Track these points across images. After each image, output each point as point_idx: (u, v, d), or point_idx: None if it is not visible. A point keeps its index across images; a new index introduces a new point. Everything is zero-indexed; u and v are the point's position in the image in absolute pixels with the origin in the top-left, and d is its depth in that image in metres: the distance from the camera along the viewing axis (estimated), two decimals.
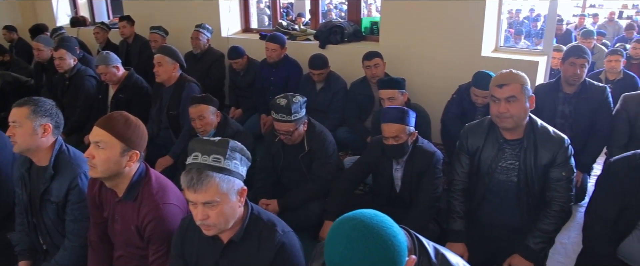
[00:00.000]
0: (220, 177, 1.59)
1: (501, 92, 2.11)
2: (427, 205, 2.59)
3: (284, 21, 5.58)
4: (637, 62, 5.47)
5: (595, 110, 3.29)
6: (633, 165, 1.97)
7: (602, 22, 9.83)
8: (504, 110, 2.11)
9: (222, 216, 1.62)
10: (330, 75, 4.19)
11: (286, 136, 2.88)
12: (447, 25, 4.10)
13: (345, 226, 1.13)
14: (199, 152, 1.62)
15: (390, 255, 1.09)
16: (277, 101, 2.81)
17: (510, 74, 2.16)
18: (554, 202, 2.20)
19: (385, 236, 1.10)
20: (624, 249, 2.03)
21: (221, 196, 1.59)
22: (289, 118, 2.79)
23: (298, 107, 2.81)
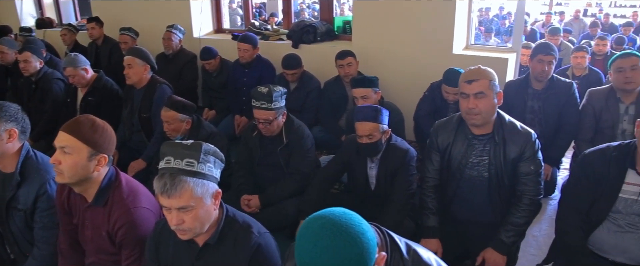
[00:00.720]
0: (195, 181, 1.57)
1: (470, 87, 2.13)
2: (402, 202, 2.62)
3: (257, 21, 5.56)
4: (601, 58, 5.63)
5: (563, 105, 3.38)
6: (606, 157, 2.02)
7: (568, 20, 10.08)
8: (472, 105, 2.13)
9: (198, 220, 1.60)
10: (304, 74, 4.18)
11: (265, 125, 2.87)
12: (419, 23, 4.14)
13: (314, 225, 1.13)
14: (171, 156, 1.59)
15: (359, 252, 1.10)
16: (259, 89, 2.83)
17: (478, 70, 2.18)
18: (524, 196, 2.24)
19: (353, 234, 1.10)
20: (594, 239, 2.08)
21: (196, 200, 1.57)
22: (270, 106, 2.80)
23: (279, 96, 2.83)
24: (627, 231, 2.01)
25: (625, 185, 1.98)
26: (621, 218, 2.01)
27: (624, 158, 1.97)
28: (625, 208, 1.99)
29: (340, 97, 4.01)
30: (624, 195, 1.98)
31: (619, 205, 2.00)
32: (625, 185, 1.97)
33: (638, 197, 1.96)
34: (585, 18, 10.79)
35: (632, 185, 1.96)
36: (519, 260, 2.48)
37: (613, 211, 2.01)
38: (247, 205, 2.95)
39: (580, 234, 2.07)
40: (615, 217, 2.02)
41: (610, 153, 2.02)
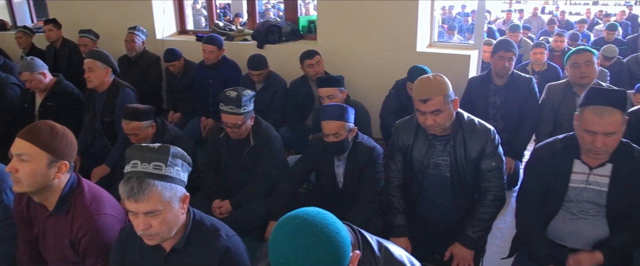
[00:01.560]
0: (162, 184, 1.55)
1: (426, 106, 2.11)
2: (370, 199, 2.64)
3: (221, 22, 5.50)
4: (558, 53, 5.82)
5: (523, 100, 3.48)
6: (554, 150, 2.10)
7: (527, 17, 10.38)
8: (431, 122, 2.14)
9: (165, 225, 1.58)
10: (270, 75, 4.17)
11: (234, 129, 2.85)
12: (383, 22, 4.18)
13: (288, 225, 1.13)
14: (138, 159, 1.56)
15: (335, 251, 1.10)
16: (227, 93, 2.79)
17: (431, 87, 2.11)
18: (489, 192, 2.27)
19: (328, 233, 1.10)
20: (551, 229, 2.16)
21: (164, 204, 1.55)
22: (239, 111, 2.77)
23: (247, 100, 2.80)
24: (580, 218, 2.09)
25: (573, 175, 2.05)
26: (574, 206, 2.09)
27: (570, 149, 2.05)
28: (576, 196, 2.07)
29: (307, 97, 4.01)
30: (573, 184, 2.06)
31: (570, 194, 2.07)
32: (573, 174, 2.05)
33: (586, 184, 2.04)
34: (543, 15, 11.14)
35: (579, 174, 2.05)
36: (486, 253, 2.53)
37: (565, 200, 2.09)
38: (218, 211, 2.92)
39: (538, 225, 2.14)
40: (568, 206, 2.10)
41: (556, 146, 2.10)
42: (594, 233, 2.08)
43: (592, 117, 1.86)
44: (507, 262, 2.37)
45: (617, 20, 9.17)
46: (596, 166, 2.01)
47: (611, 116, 1.83)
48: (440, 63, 3.92)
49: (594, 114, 1.86)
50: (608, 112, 1.84)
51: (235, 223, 2.78)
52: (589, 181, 2.03)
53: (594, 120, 1.85)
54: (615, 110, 1.84)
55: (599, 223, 2.07)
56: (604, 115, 1.84)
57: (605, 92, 1.89)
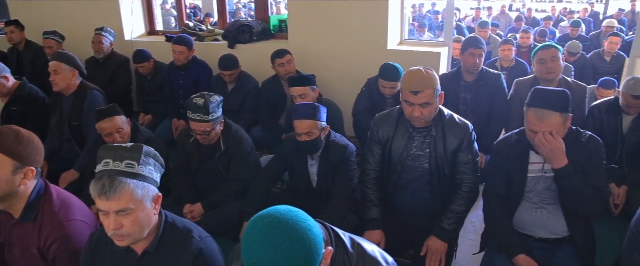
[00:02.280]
0: (135, 183, 1.53)
1: (416, 98, 2.15)
2: (344, 197, 2.65)
3: (191, 22, 5.43)
4: (525, 49, 5.96)
5: (492, 96, 3.55)
6: (510, 144, 2.19)
7: (496, 15, 10.59)
8: (418, 114, 2.19)
9: (137, 224, 1.55)
10: (241, 75, 4.14)
11: (203, 136, 2.82)
12: (354, 20, 4.20)
13: (259, 224, 1.12)
14: (109, 158, 1.54)
15: (307, 248, 1.10)
16: (194, 100, 2.75)
17: (423, 80, 2.15)
18: (464, 184, 2.34)
19: (300, 230, 1.11)
20: (517, 220, 2.23)
21: (136, 203, 1.53)
22: (207, 118, 2.74)
23: (215, 107, 2.77)
24: (541, 207, 2.17)
25: (530, 165, 2.14)
26: (535, 196, 2.17)
27: (524, 141, 2.12)
28: (535, 186, 2.15)
29: (279, 96, 4.00)
30: (531, 175, 2.14)
31: (529, 184, 2.16)
32: (530, 165, 2.14)
33: (542, 173, 2.12)
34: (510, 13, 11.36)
35: (535, 163, 2.13)
36: (458, 247, 2.57)
37: (526, 191, 2.17)
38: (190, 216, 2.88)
39: (503, 217, 2.21)
40: (529, 196, 2.18)
41: (512, 139, 2.19)
42: (557, 222, 2.16)
43: (533, 119, 1.97)
44: (479, 256, 2.41)
45: (581, 17, 9.44)
46: None
47: (549, 119, 1.94)
48: (411, 60, 3.96)
49: (534, 116, 1.97)
50: (547, 115, 1.94)
51: (209, 225, 2.75)
52: (544, 169, 2.11)
53: (535, 122, 1.97)
54: (554, 113, 1.94)
55: (558, 211, 2.15)
56: (543, 118, 1.94)
57: (547, 95, 1.96)
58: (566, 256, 2.13)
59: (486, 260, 2.27)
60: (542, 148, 1.98)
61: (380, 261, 1.41)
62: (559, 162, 1.98)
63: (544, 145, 1.96)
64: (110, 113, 2.93)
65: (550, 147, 1.95)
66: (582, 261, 2.12)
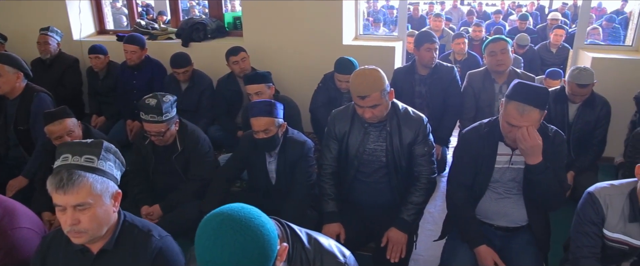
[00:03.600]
0: (94, 177, 1.49)
1: (364, 102, 2.19)
2: (304, 193, 2.66)
3: (143, 20, 5.29)
4: (477, 43, 6.12)
5: (447, 89, 3.63)
6: (480, 134, 2.21)
7: (448, 9, 10.83)
8: (369, 115, 2.23)
9: (95, 220, 1.50)
10: (195, 73, 4.08)
11: (158, 137, 2.76)
12: (309, 16, 4.21)
13: (212, 222, 1.11)
14: (69, 153, 1.51)
15: (261, 244, 1.10)
16: (146, 101, 2.69)
17: (368, 84, 2.17)
18: (421, 176, 2.38)
19: (253, 227, 1.10)
20: (480, 209, 2.28)
21: (94, 198, 1.49)
22: (160, 119, 2.68)
23: (169, 107, 2.72)
24: (505, 197, 2.23)
25: (498, 156, 2.18)
26: (499, 186, 2.22)
27: (494, 133, 2.17)
28: (501, 176, 2.20)
29: (235, 94, 3.97)
30: (498, 166, 2.19)
31: (496, 175, 2.20)
32: (498, 156, 2.18)
33: (509, 164, 2.17)
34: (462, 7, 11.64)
35: (503, 155, 2.18)
36: (418, 236, 2.62)
37: (492, 181, 2.21)
38: (148, 218, 2.82)
39: (468, 206, 2.25)
40: (494, 186, 2.23)
41: (482, 130, 2.22)
42: (519, 212, 2.22)
43: (514, 113, 1.99)
44: (439, 244, 2.46)
45: (528, 11, 9.78)
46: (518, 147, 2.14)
47: (530, 114, 1.97)
48: (366, 55, 4.01)
49: (515, 111, 1.98)
50: (528, 110, 1.96)
51: (168, 226, 2.67)
52: (511, 161, 2.16)
53: (515, 116, 1.98)
54: (535, 109, 1.97)
55: (521, 201, 2.21)
56: (523, 113, 1.97)
57: (529, 91, 1.99)
58: (524, 243, 2.21)
59: (447, 248, 2.32)
60: (523, 143, 2.00)
61: (337, 255, 1.42)
62: (535, 158, 2.02)
63: (525, 140, 1.98)
64: (60, 116, 2.82)
65: (531, 143, 1.98)
66: (538, 247, 2.20)
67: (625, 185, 1.98)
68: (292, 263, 1.36)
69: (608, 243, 1.99)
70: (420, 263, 2.71)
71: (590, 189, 2.03)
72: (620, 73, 3.77)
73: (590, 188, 2.04)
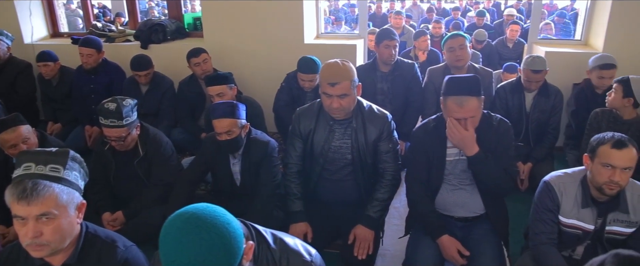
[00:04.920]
0: (60, 187, 1.45)
1: (334, 90, 2.20)
2: (269, 194, 2.65)
3: (100, 23, 5.15)
4: (438, 39, 6.24)
5: (408, 85, 3.69)
6: (428, 130, 2.29)
7: (409, 7, 11.00)
8: (337, 105, 2.23)
9: (59, 232, 1.45)
10: (156, 75, 4.01)
11: (118, 142, 2.71)
12: (269, 16, 4.19)
13: (177, 222, 1.10)
14: (31, 162, 1.45)
15: (227, 242, 1.09)
16: (106, 106, 2.64)
17: (340, 72, 2.19)
18: (386, 172, 2.41)
19: (219, 225, 1.09)
20: (438, 202, 2.33)
21: (59, 208, 1.44)
22: (121, 123, 2.63)
23: (129, 111, 2.67)
24: (460, 188, 2.29)
25: (448, 149, 2.25)
26: (454, 178, 2.29)
27: (442, 126, 2.22)
28: (454, 169, 2.27)
29: (197, 96, 3.92)
30: (449, 158, 2.25)
31: (448, 168, 2.27)
32: (448, 149, 2.25)
33: (459, 156, 2.23)
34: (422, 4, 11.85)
35: (453, 148, 2.24)
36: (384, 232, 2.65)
37: (445, 174, 2.28)
38: (111, 225, 2.75)
39: (426, 200, 2.30)
40: (448, 178, 2.29)
41: (430, 125, 2.30)
42: (475, 201, 2.29)
43: (454, 107, 2.07)
44: (404, 240, 2.49)
45: (485, 8, 10.03)
46: None
47: (468, 104, 2.05)
48: (328, 53, 4.02)
49: (454, 104, 2.06)
50: (466, 101, 2.05)
51: (132, 233, 2.63)
52: (461, 153, 2.21)
53: (456, 109, 2.07)
54: (472, 98, 2.05)
55: (475, 191, 2.27)
56: (462, 105, 2.05)
57: (461, 82, 2.08)
58: (484, 232, 2.26)
59: (411, 242, 2.36)
60: (452, 136, 2.09)
61: (303, 254, 1.43)
62: (470, 150, 2.10)
63: (454, 133, 2.07)
64: (13, 123, 2.71)
65: (460, 136, 2.06)
66: (498, 234, 2.27)
67: (577, 173, 2.08)
68: (258, 263, 1.35)
69: (563, 228, 2.08)
70: (388, 258, 2.74)
71: (546, 178, 2.12)
72: (570, 65, 3.93)
73: (546, 177, 2.13)
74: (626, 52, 3.81)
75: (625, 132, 3.01)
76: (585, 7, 4.20)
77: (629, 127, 3.06)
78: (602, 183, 1.91)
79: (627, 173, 1.90)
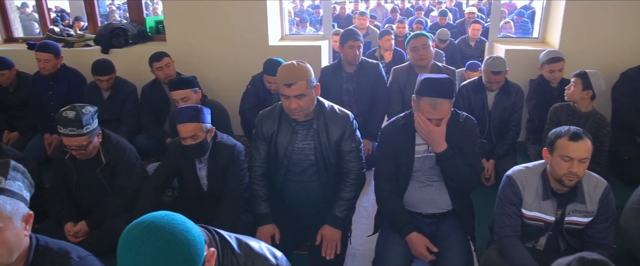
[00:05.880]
0: (3, 198, 1.38)
1: (290, 90, 2.20)
2: (237, 198, 2.62)
3: (58, 27, 5.00)
4: (402, 39, 6.31)
5: (373, 84, 3.72)
6: (397, 128, 2.31)
7: (373, 7, 11.11)
8: (295, 106, 2.23)
9: (5, 245, 1.39)
10: (118, 80, 3.92)
11: (79, 151, 2.62)
12: (233, 18, 4.16)
13: (134, 231, 1.07)
14: None
15: (186, 250, 1.07)
16: (64, 114, 2.55)
17: (295, 72, 2.20)
18: (351, 172, 2.41)
19: (178, 233, 1.07)
20: (406, 199, 2.35)
21: (4, 220, 1.37)
22: (81, 132, 2.55)
23: (89, 118, 2.59)
24: (428, 185, 2.32)
25: (416, 147, 2.28)
26: (421, 175, 2.32)
27: (411, 125, 2.25)
28: (422, 166, 2.30)
29: (161, 101, 3.85)
30: (417, 155, 2.28)
31: (416, 165, 2.29)
32: (417, 146, 2.28)
33: (427, 153, 2.27)
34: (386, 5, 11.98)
35: (421, 145, 2.27)
36: (353, 232, 2.67)
37: (414, 171, 2.30)
38: (73, 235, 2.67)
39: (395, 198, 2.32)
40: (417, 175, 2.32)
41: (399, 123, 2.32)
42: (442, 198, 2.32)
43: (427, 108, 2.10)
44: (373, 238, 2.51)
45: (448, 7, 10.23)
46: None
47: (442, 106, 2.09)
48: (293, 55, 3.98)
49: (428, 105, 2.09)
50: (439, 103, 2.08)
51: (96, 244, 2.59)
52: (429, 150, 2.25)
53: (429, 110, 2.10)
54: (445, 100, 2.09)
55: (443, 187, 2.31)
56: (436, 106, 2.08)
57: (436, 84, 2.10)
58: (451, 228, 2.30)
59: (381, 240, 2.37)
60: (421, 131, 2.13)
61: (269, 257, 1.42)
62: (439, 146, 2.14)
63: (422, 129, 2.12)
64: None
65: (427, 130, 2.10)
66: (465, 230, 2.31)
67: (538, 166, 2.14)
68: None
69: (526, 221, 2.14)
70: (357, 257, 2.76)
71: (508, 172, 2.18)
72: (529, 62, 4.05)
73: (508, 171, 2.19)
74: (580, 48, 3.96)
75: (584, 124, 3.14)
76: (541, 6, 4.34)
77: (587, 119, 3.19)
78: (561, 175, 1.98)
79: (584, 164, 1.97)
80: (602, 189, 2.06)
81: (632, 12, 3.85)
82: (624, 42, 3.93)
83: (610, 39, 3.94)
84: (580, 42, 3.97)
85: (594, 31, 3.94)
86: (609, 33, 3.93)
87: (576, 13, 3.91)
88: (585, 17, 3.91)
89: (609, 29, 3.92)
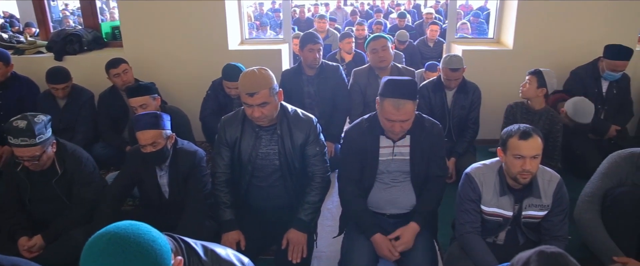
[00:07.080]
0: None
1: (253, 99, 2.18)
2: (199, 205, 2.59)
3: (6, 33, 4.81)
4: (362, 41, 6.38)
5: (334, 87, 3.74)
6: (362, 130, 2.32)
7: (333, 10, 11.18)
8: (258, 114, 2.21)
9: None
10: (74, 88, 3.80)
11: (32, 162, 2.53)
12: (191, 23, 4.11)
13: (99, 243, 1.05)
14: None
15: (153, 260, 1.06)
16: (15, 124, 2.45)
17: (257, 81, 2.18)
18: (315, 175, 2.42)
19: (143, 243, 1.06)
20: (371, 200, 2.38)
21: None
22: (34, 142, 2.46)
23: (42, 127, 2.50)
24: (392, 186, 2.35)
25: (381, 149, 2.30)
26: (386, 177, 2.34)
27: (375, 127, 2.28)
28: (386, 168, 2.32)
29: (120, 108, 3.76)
30: (382, 158, 2.31)
31: (381, 167, 2.32)
32: (381, 149, 2.30)
33: (392, 156, 2.30)
34: (346, 7, 12.09)
35: (386, 147, 2.30)
36: (318, 234, 2.67)
37: (378, 173, 2.33)
38: (28, 250, 2.57)
39: (359, 199, 2.34)
40: (381, 177, 2.34)
41: (363, 126, 2.33)
42: (406, 198, 2.36)
43: (391, 109, 2.11)
44: (339, 239, 2.52)
45: (406, 9, 10.40)
46: (398, 139, 2.28)
47: (405, 107, 2.11)
48: (253, 59, 4.01)
49: (392, 107, 2.11)
50: (403, 104, 2.10)
51: (53, 257, 2.52)
52: (394, 153, 2.28)
53: (392, 112, 2.11)
54: (409, 101, 2.11)
55: (407, 188, 2.35)
56: (399, 107, 2.10)
57: (399, 85, 2.13)
58: None
59: (346, 242, 2.39)
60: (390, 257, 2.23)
61: (236, 263, 1.41)
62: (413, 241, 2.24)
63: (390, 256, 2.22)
64: None
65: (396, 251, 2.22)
66: (428, 229, 2.36)
67: (495, 164, 2.20)
68: None
69: (486, 217, 2.20)
70: (323, 259, 2.76)
71: (467, 170, 2.23)
72: (485, 62, 4.17)
73: (467, 169, 2.25)
74: (533, 47, 4.12)
75: (538, 121, 3.26)
76: (495, 7, 4.48)
77: (540, 116, 3.31)
78: (516, 173, 2.05)
79: (536, 161, 2.04)
80: (556, 183, 2.14)
81: (581, 12, 4.03)
82: (574, 40, 4.11)
83: (560, 38, 4.11)
84: (534, 41, 4.12)
85: (545, 30, 4.10)
86: (559, 32, 4.09)
87: (528, 13, 4.06)
88: (537, 17, 4.06)
89: (560, 28, 4.09)
